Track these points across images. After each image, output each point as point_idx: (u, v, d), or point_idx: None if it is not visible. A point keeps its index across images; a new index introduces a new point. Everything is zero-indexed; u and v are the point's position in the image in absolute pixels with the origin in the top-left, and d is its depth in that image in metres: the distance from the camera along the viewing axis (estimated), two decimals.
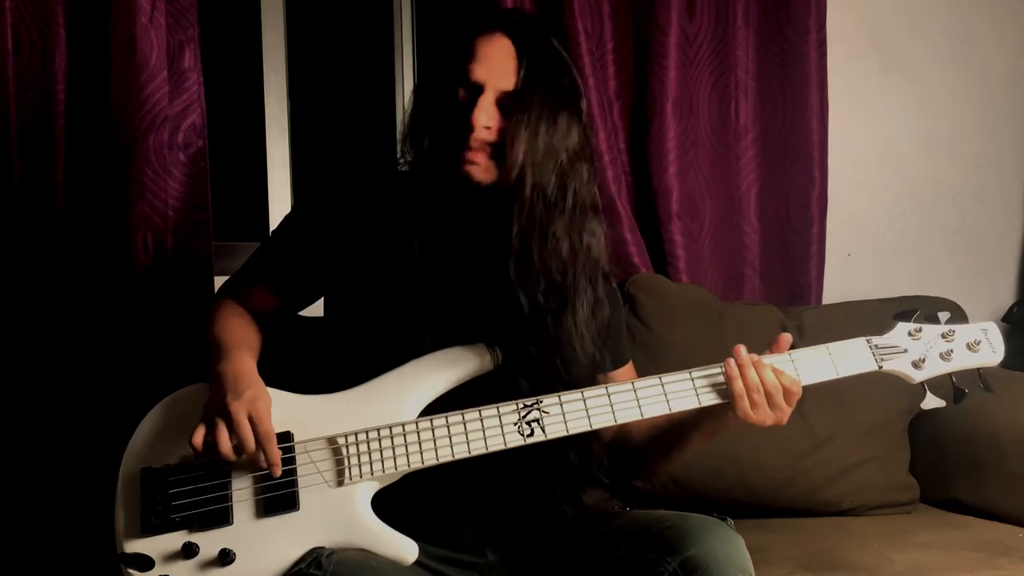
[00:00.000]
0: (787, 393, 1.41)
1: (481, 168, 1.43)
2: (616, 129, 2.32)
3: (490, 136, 1.41)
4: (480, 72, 1.41)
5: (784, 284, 2.45)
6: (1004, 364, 2.54)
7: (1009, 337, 2.59)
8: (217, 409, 1.36)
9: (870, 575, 1.73)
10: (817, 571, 1.73)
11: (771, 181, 2.41)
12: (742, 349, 1.42)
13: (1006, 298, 2.64)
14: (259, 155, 2.46)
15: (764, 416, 1.41)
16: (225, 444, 1.34)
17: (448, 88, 1.44)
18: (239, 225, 2.49)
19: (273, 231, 1.66)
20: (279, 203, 2.47)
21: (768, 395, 1.40)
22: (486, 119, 1.40)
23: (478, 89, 1.41)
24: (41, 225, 2.07)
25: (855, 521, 2.06)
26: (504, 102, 1.42)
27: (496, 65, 1.42)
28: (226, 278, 1.70)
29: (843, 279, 2.49)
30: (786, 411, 1.42)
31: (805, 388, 2.05)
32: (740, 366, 1.41)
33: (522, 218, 1.41)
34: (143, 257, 2.10)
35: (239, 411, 1.34)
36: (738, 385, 1.40)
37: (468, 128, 1.40)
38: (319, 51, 2.80)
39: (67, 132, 2.08)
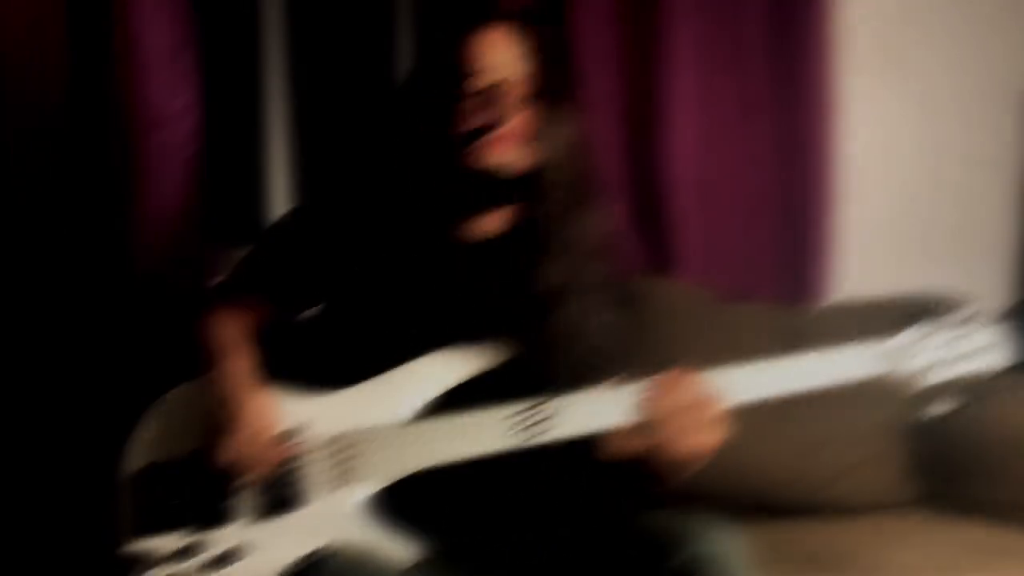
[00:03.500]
0: (705, 409, 1.34)
1: (505, 159, 1.42)
2: (616, 129, 2.32)
3: (513, 127, 1.41)
4: (490, 64, 1.41)
5: (790, 283, 2.44)
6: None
7: (1008, 338, 2.61)
8: (218, 422, 1.36)
9: (870, 575, 1.73)
10: (816, 571, 1.74)
11: (777, 180, 2.41)
12: (659, 378, 1.37)
13: (1005, 298, 2.64)
14: (259, 155, 2.46)
15: (681, 444, 1.33)
16: (229, 450, 1.34)
17: (457, 80, 1.42)
18: (239, 225, 2.49)
19: (265, 235, 1.65)
20: (279, 203, 2.47)
21: (682, 416, 1.33)
22: (504, 111, 1.40)
23: (491, 82, 1.41)
24: (41, 225, 2.07)
25: (855, 521, 2.06)
26: (517, 93, 1.42)
27: (506, 57, 1.42)
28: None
29: (843, 279, 2.49)
30: (703, 434, 1.34)
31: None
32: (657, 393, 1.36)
33: (546, 204, 1.43)
34: (143, 257, 2.10)
35: (240, 421, 1.34)
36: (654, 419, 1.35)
37: (491, 120, 1.40)
38: (319, 51, 2.79)
39: (67, 132, 2.08)
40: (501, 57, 1.42)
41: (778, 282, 2.44)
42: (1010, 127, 2.64)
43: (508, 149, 1.42)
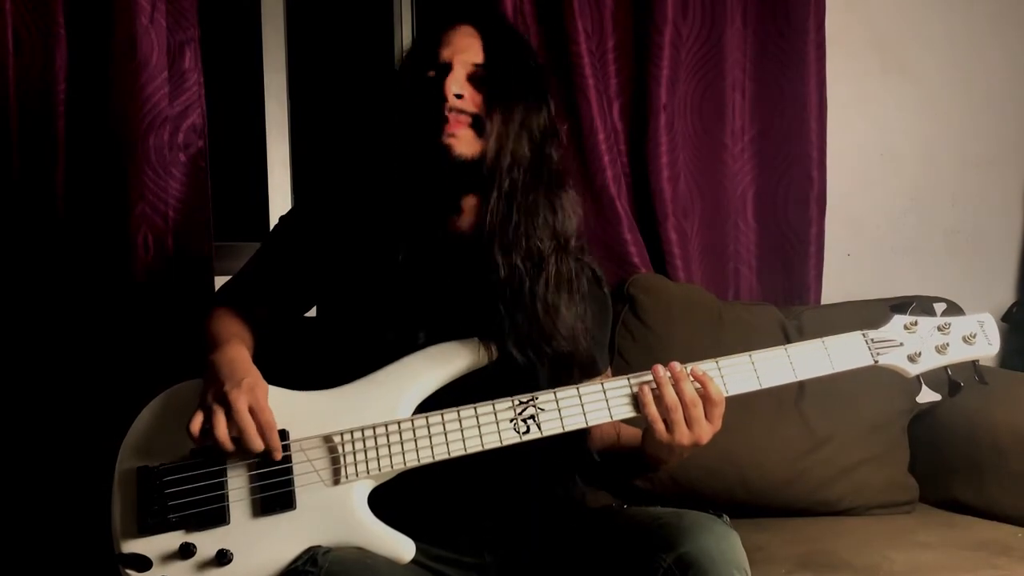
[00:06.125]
0: (709, 404, 1.37)
1: (461, 140, 1.44)
2: (616, 129, 2.32)
3: (466, 106, 1.44)
4: (447, 53, 1.47)
5: (783, 284, 2.44)
6: (1004, 364, 2.56)
7: (1008, 337, 2.61)
8: (216, 397, 1.35)
9: (870, 575, 1.72)
10: (816, 571, 1.73)
11: (770, 181, 2.41)
12: (659, 369, 1.39)
13: (1005, 298, 2.64)
14: (259, 155, 2.46)
15: (681, 436, 1.37)
16: (223, 432, 1.33)
17: (419, 72, 1.48)
18: (239, 225, 2.50)
19: (263, 243, 1.67)
20: (279, 203, 2.47)
21: (686, 409, 1.36)
22: (457, 88, 1.44)
23: (447, 67, 1.46)
24: (41, 225, 2.07)
25: (855, 521, 2.06)
26: (475, 77, 1.46)
27: (462, 46, 1.47)
28: (226, 278, 1.70)
29: (843, 279, 2.49)
30: (704, 427, 1.37)
31: (805, 386, 2.09)
32: (659, 384, 1.38)
33: (503, 185, 1.43)
34: (143, 257, 2.11)
35: (239, 399, 1.33)
36: (651, 410, 1.37)
37: (441, 98, 1.43)
38: (319, 51, 2.80)
39: (67, 132, 2.08)
40: (461, 46, 1.47)
41: (775, 282, 2.44)
42: (1010, 127, 2.64)
43: (463, 131, 1.43)
